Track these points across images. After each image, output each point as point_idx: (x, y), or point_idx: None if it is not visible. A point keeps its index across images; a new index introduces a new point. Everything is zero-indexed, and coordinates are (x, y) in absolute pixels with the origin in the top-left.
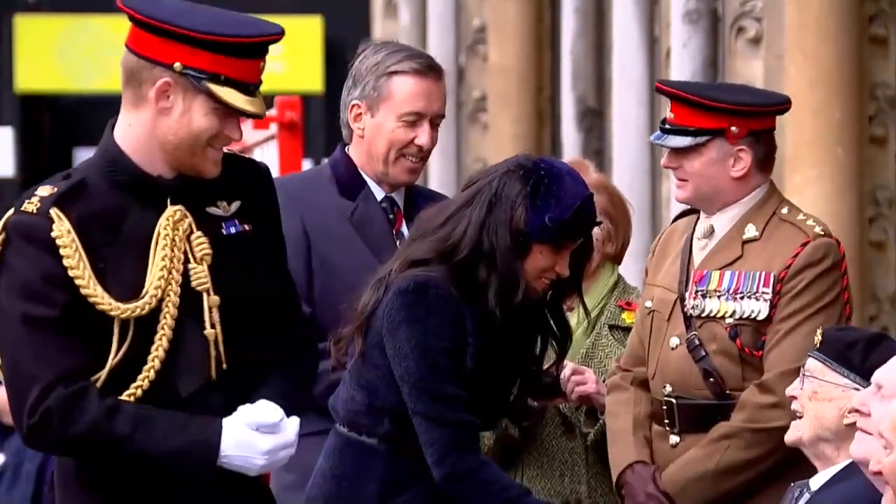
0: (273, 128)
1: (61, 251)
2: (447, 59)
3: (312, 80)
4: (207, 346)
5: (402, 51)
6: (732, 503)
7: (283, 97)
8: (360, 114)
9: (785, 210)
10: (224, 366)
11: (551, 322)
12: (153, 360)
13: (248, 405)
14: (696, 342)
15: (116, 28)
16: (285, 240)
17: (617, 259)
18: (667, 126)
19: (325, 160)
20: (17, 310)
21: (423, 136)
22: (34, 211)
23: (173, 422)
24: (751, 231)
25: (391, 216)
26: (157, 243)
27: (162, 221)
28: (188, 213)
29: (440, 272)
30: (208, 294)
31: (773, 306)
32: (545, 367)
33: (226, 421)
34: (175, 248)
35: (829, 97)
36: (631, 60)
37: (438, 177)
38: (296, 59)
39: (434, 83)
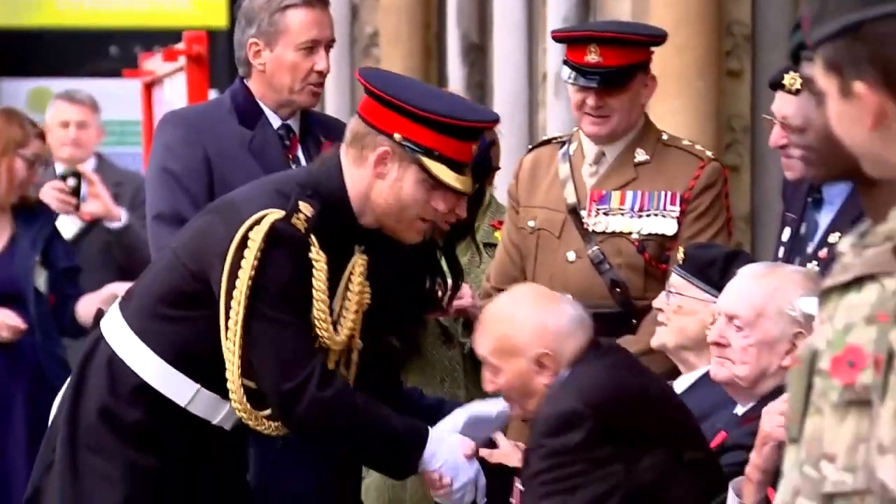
0: (181, 60)
1: (315, 273)
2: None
3: (218, 16)
4: None
5: None
6: None
7: (191, 32)
8: (259, 50)
9: (665, 136)
10: None
11: (443, 262)
12: None
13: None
14: (601, 256)
15: None
16: (188, 168)
17: (489, 181)
18: (592, 69)
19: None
20: (277, 301)
21: (321, 61)
22: (301, 229)
23: (390, 410)
24: (641, 155)
25: (287, 142)
26: (349, 287)
27: (357, 268)
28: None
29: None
30: (352, 337)
31: (679, 224)
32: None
33: (435, 431)
34: (359, 294)
35: (691, 34)
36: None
37: (334, 108)
38: None
39: (322, 12)
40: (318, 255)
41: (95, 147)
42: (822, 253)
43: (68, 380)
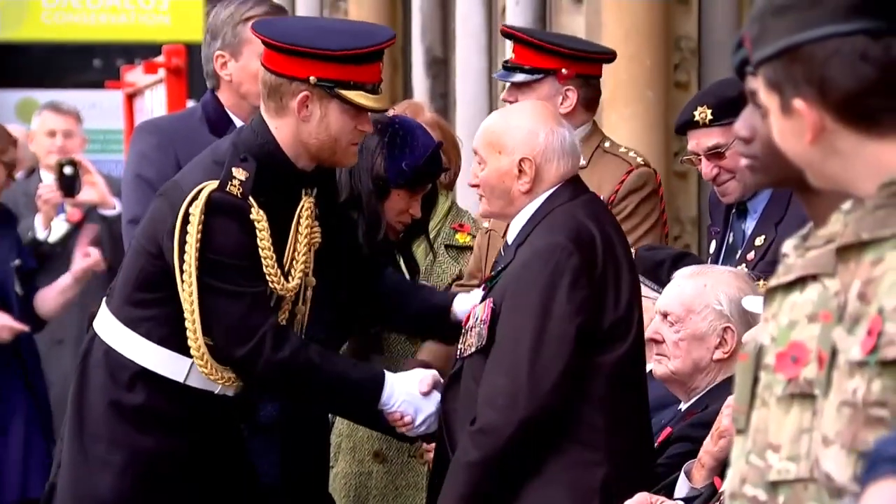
0: (161, 73)
1: (258, 233)
2: (313, 14)
3: (195, 31)
4: (293, 319)
5: (249, 0)
6: None
7: (170, 46)
8: (226, 62)
9: (607, 144)
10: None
11: (401, 261)
12: None
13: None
14: None
15: None
16: (161, 173)
17: (450, 187)
18: (508, 65)
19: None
20: (225, 271)
21: None
22: (237, 194)
23: (346, 360)
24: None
25: None
26: (298, 230)
27: (304, 212)
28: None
29: None
30: (306, 276)
31: None
32: None
33: (391, 374)
34: (308, 235)
35: (641, 47)
36: (471, 16)
37: None
38: (180, 11)
39: None
40: (258, 216)
41: (79, 154)
42: (750, 255)
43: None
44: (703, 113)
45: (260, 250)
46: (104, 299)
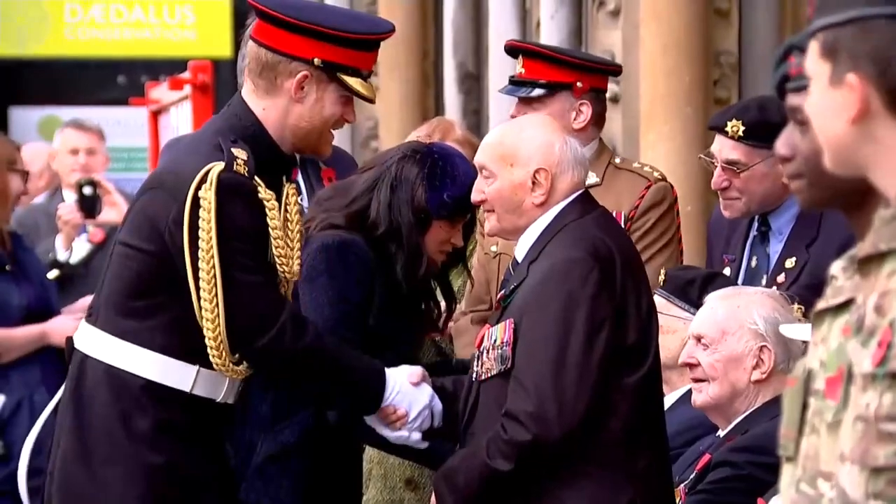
0: (187, 89)
1: (268, 213)
2: None
3: (222, 46)
4: None
5: None
6: None
7: (196, 62)
8: None
9: (618, 160)
10: None
11: (437, 290)
12: None
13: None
14: None
15: None
16: None
17: None
18: (517, 80)
19: None
20: (244, 258)
21: None
22: (244, 173)
23: (350, 349)
24: (592, 178)
25: None
26: (287, 218)
27: (291, 198)
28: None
29: (360, 238)
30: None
31: None
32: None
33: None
34: (299, 222)
35: (679, 62)
36: (505, 30)
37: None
38: (207, 27)
39: None
40: (266, 195)
41: (102, 173)
42: (780, 278)
43: (48, 412)
44: (735, 126)
45: (270, 230)
46: (84, 322)
